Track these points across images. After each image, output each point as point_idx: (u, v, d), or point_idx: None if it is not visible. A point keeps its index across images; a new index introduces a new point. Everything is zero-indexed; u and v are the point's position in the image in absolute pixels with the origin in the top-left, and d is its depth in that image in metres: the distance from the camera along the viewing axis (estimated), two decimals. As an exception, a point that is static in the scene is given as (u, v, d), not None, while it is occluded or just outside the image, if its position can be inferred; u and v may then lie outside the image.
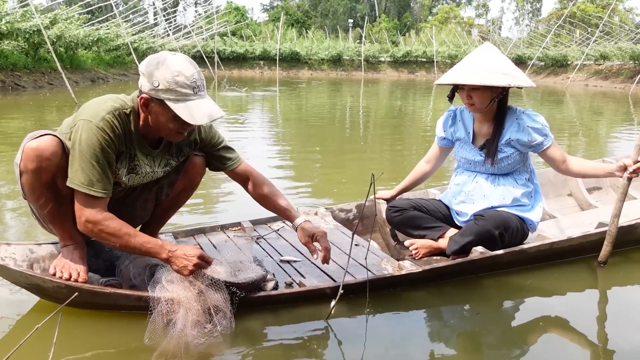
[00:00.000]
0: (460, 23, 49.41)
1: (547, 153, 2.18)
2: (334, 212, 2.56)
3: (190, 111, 1.54)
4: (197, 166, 1.88)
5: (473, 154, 2.25)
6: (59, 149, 1.56)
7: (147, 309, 1.53)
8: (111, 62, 19.25)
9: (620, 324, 1.79)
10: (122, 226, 1.56)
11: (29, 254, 1.73)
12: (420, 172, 2.48)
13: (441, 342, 1.63)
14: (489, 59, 2.10)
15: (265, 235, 2.29)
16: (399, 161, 5.04)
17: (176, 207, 2.00)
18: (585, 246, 2.22)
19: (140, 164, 1.70)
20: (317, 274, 1.93)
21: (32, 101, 9.57)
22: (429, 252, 2.21)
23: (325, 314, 1.69)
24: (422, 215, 2.29)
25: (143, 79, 1.56)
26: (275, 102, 11.56)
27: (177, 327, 1.48)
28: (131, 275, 1.74)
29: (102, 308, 1.65)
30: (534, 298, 1.95)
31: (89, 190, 1.53)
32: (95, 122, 1.53)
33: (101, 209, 1.56)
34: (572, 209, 3.04)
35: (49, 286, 1.59)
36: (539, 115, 2.19)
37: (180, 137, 1.67)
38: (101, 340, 1.55)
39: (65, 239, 1.71)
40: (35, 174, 1.54)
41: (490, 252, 2.02)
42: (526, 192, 2.21)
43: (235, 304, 1.61)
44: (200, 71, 1.60)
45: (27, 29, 12.10)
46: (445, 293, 1.95)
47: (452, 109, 2.35)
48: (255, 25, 42.71)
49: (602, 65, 23.60)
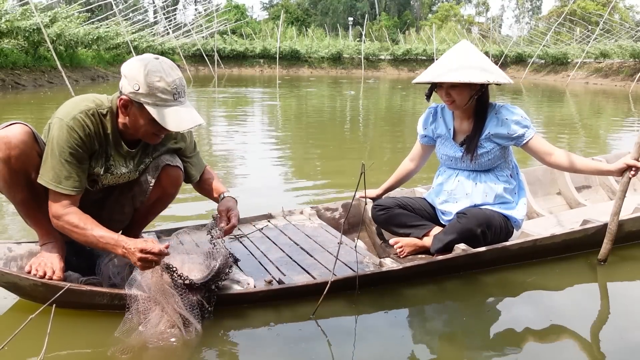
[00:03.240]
0: (461, 21, 49.33)
1: (530, 146, 2.17)
2: (319, 212, 2.56)
3: (169, 117, 1.56)
4: (170, 177, 1.83)
5: (454, 150, 2.24)
6: (27, 138, 1.56)
7: (124, 307, 1.53)
8: (111, 61, 19.28)
9: (621, 321, 1.78)
10: (81, 220, 1.56)
11: (7, 252, 1.74)
12: (404, 170, 2.48)
13: (426, 341, 1.62)
14: (466, 57, 2.09)
15: (249, 234, 2.29)
16: (391, 151, 5.04)
17: (154, 213, 1.98)
18: (569, 243, 2.21)
19: (115, 164, 1.71)
20: (299, 271, 1.93)
21: (32, 100, 9.59)
22: (413, 250, 2.20)
23: (308, 313, 1.68)
24: (407, 214, 2.29)
25: (124, 80, 1.57)
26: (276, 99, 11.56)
27: (151, 326, 1.48)
28: (110, 273, 1.74)
29: (81, 307, 1.64)
30: (533, 295, 1.95)
31: (56, 187, 1.55)
32: (66, 120, 1.56)
33: (68, 205, 1.57)
34: (561, 207, 3.03)
35: (25, 284, 1.59)
36: (517, 108, 2.18)
37: (157, 139, 1.69)
38: (78, 340, 1.55)
39: (43, 236, 1.71)
40: (4, 163, 1.55)
41: (472, 250, 2.02)
42: (508, 189, 2.21)
43: (212, 302, 1.61)
44: (182, 77, 1.61)
45: (27, 28, 12.12)
46: (441, 289, 1.94)
47: (433, 106, 2.35)
48: (255, 24, 42.68)
49: (602, 63, 23.51)
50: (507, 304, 1.90)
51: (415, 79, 2.24)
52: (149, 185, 1.83)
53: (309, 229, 2.34)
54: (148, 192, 1.84)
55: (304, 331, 1.64)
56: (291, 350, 1.53)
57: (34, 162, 1.58)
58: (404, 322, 1.75)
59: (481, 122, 2.18)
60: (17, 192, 1.61)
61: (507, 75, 2.19)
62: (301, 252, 2.10)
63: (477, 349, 1.58)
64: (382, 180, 2.55)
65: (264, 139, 6.10)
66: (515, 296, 1.95)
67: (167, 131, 1.62)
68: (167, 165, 1.81)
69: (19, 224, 2.64)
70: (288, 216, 2.51)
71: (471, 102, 2.15)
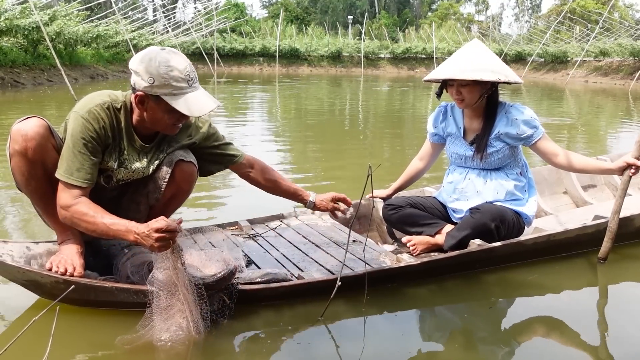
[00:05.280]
0: (460, 19, 49.34)
1: (538, 146, 2.19)
2: (331, 210, 2.56)
3: (188, 104, 1.58)
4: (184, 172, 1.82)
5: (464, 149, 2.26)
6: (43, 130, 1.58)
7: (144, 305, 1.53)
8: (110, 59, 19.24)
9: (621, 320, 1.79)
10: (90, 209, 1.55)
11: (26, 251, 1.74)
12: (414, 170, 2.49)
13: (439, 340, 1.64)
14: (477, 56, 2.11)
15: (263, 234, 2.30)
16: (395, 150, 5.05)
17: (169, 211, 1.96)
18: (582, 239, 2.23)
19: (129, 159, 1.73)
20: (316, 268, 1.94)
21: (31, 98, 9.57)
22: (426, 248, 2.22)
23: (320, 311, 1.70)
24: (419, 213, 2.30)
25: (136, 76, 1.58)
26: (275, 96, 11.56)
27: (173, 322, 1.49)
28: (129, 272, 1.74)
29: (99, 305, 1.65)
30: (534, 295, 1.96)
31: (68, 178, 1.56)
32: (81, 113, 1.59)
33: (78, 196, 1.57)
34: (568, 206, 3.05)
35: (47, 281, 1.60)
36: (527, 108, 2.20)
37: (176, 129, 1.72)
38: (96, 337, 1.56)
39: (61, 233, 1.72)
40: (22, 155, 1.57)
41: (487, 245, 2.03)
42: (519, 186, 2.23)
43: (234, 298, 1.61)
44: (191, 63, 1.63)
45: (26, 26, 12.10)
46: (444, 289, 1.96)
47: (443, 104, 2.37)
48: (254, 22, 42.60)
49: (601, 61, 23.55)
50: (508, 303, 1.92)
51: (426, 77, 2.26)
52: (163, 181, 1.83)
53: (322, 228, 2.35)
54: (162, 189, 1.84)
55: (315, 328, 1.65)
56: (303, 348, 1.54)
57: (50, 155, 1.60)
58: (406, 322, 1.76)
59: (491, 121, 2.20)
60: (35, 186, 1.62)
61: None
62: (317, 249, 2.12)
63: (478, 349, 1.59)
64: (393, 179, 2.56)
65: (264, 139, 6.07)
66: (516, 295, 1.97)
67: (186, 118, 1.66)
68: (180, 160, 1.81)
69: (34, 225, 2.65)
70: (300, 216, 2.52)
71: (481, 101, 2.17)
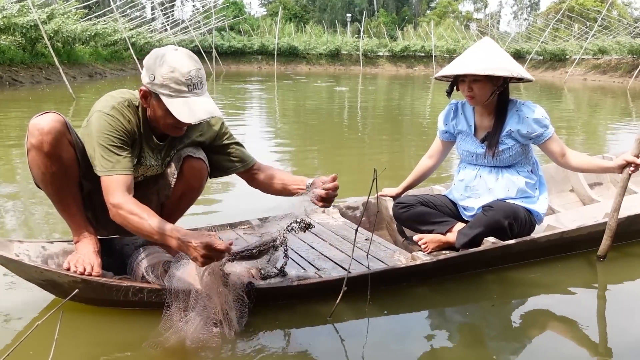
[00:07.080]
0: (459, 17, 49.36)
1: (547, 145, 2.20)
2: (341, 210, 2.57)
3: (181, 108, 1.54)
4: (193, 169, 1.79)
5: (475, 146, 2.27)
6: (59, 125, 1.58)
7: (160, 305, 1.53)
8: (109, 57, 19.16)
9: (621, 318, 1.80)
10: (140, 208, 1.52)
11: (42, 250, 1.74)
12: (423, 168, 2.49)
13: (441, 339, 1.64)
14: (489, 53, 2.13)
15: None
16: (398, 150, 5.05)
17: (179, 210, 1.94)
18: (594, 236, 2.23)
19: (146, 156, 1.74)
20: (331, 266, 1.94)
21: (30, 96, 9.52)
22: (438, 246, 2.22)
23: (329, 311, 1.68)
24: (430, 211, 2.30)
25: (144, 71, 1.60)
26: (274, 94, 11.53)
27: (193, 323, 1.49)
28: (144, 271, 1.73)
29: (114, 305, 1.64)
30: (536, 293, 1.97)
31: (110, 172, 1.56)
32: (105, 111, 1.60)
33: (125, 191, 1.56)
34: (575, 204, 3.06)
35: (64, 281, 1.59)
36: (538, 107, 2.21)
37: (179, 132, 1.69)
38: (110, 337, 1.56)
39: (76, 230, 1.72)
40: (38, 149, 1.57)
41: (502, 242, 2.04)
42: (530, 184, 2.23)
43: (253, 297, 1.61)
44: (200, 68, 1.58)
45: (24, 24, 12.02)
46: (445, 289, 1.96)
47: (454, 102, 2.37)
48: (253, 20, 42.50)
49: (600, 59, 23.60)
50: (510, 301, 1.92)
51: (438, 73, 2.27)
52: (172, 178, 1.82)
53: (335, 227, 2.36)
54: (172, 185, 1.83)
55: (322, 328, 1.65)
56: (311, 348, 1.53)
57: (66, 150, 1.60)
58: (409, 321, 1.76)
59: (502, 118, 2.21)
60: (50, 180, 1.62)
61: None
62: (331, 248, 2.12)
63: (481, 348, 1.60)
64: (402, 176, 2.56)
65: (265, 137, 6.08)
66: (518, 293, 1.98)
67: (185, 124, 1.60)
68: (188, 156, 1.78)
69: (50, 224, 2.64)
70: (311, 215, 2.52)
71: (492, 98, 2.17)
